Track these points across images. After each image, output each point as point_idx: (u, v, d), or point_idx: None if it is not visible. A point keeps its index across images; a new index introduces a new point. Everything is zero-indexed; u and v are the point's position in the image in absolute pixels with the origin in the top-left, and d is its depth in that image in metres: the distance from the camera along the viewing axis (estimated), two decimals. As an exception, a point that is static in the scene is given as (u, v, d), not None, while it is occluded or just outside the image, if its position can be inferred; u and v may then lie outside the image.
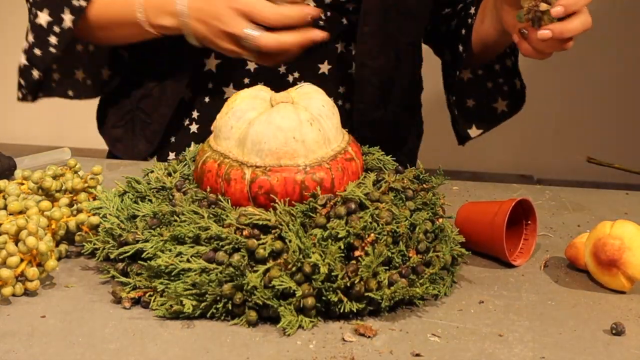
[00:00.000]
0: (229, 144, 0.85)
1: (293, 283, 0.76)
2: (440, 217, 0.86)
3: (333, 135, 0.86)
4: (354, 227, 0.78)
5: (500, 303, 0.83)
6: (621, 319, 0.80)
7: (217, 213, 0.81)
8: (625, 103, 2.48)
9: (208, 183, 0.85)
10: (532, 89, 1.48)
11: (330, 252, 0.76)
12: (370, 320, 0.78)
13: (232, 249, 0.78)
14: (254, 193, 0.82)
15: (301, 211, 0.80)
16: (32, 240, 0.80)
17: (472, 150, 2.49)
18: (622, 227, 0.86)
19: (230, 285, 0.76)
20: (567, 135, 2.53)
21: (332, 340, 0.75)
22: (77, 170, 0.96)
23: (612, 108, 2.49)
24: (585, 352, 0.74)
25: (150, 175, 0.92)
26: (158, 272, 0.78)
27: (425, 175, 0.91)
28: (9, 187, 0.92)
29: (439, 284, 0.83)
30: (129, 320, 0.77)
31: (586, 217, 1.07)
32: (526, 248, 0.93)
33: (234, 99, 0.87)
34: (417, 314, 0.80)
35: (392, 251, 0.79)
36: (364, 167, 0.89)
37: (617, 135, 2.50)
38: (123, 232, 0.83)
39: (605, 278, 0.86)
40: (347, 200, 0.80)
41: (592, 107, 2.50)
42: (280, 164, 0.82)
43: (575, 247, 0.91)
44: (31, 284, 0.80)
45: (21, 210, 0.87)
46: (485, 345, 0.75)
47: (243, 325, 0.77)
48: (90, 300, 0.80)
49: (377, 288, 0.77)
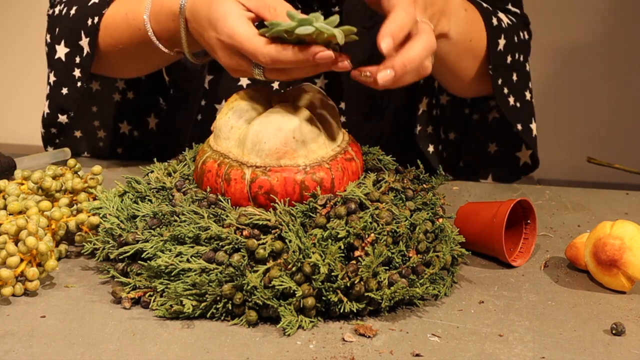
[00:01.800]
0: (229, 144, 0.85)
1: (293, 283, 0.76)
2: (440, 217, 0.86)
3: (333, 135, 0.86)
4: (354, 227, 0.78)
5: (500, 303, 0.83)
6: (621, 319, 0.80)
7: (217, 213, 0.81)
8: (625, 103, 2.48)
9: (208, 183, 0.85)
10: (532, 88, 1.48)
11: (330, 252, 0.76)
12: (370, 320, 0.78)
13: (232, 249, 0.78)
14: (254, 193, 0.82)
15: (301, 211, 0.80)
16: (32, 240, 0.80)
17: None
18: (622, 227, 0.86)
19: (230, 285, 0.76)
20: (567, 135, 2.52)
21: (332, 340, 0.75)
22: (77, 170, 0.96)
23: (612, 108, 2.49)
24: (585, 352, 0.74)
25: (150, 175, 0.92)
26: (158, 272, 0.78)
27: (425, 175, 0.91)
28: (9, 187, 0.93)
29: (439, 284, 0.83)
30: (129, 320, 0.77)
31: (586, 217, 1.07)
32: (526, 248, 0.93)
33: (234, 99, 0.87)
34: (417, 314, 0.80)
35: (392, 251, 0.79)
36: (364, 167, 0.89)
37: (617, 135, 2.50)
38: (123, 232, 0.83)
39: (606, 278, 0.86)
40: (347, 200, 0.80)
41: (592, 107, 2.50)
42: (280, 164, 0.82)
43: (576, 247, 0.91)
44: (31, 284, 0.80)
45: (21, 210, 0.87)
46: (485, 345, 0.75)
47: (243, 325, 0.77)
48: (90, 300, 0.80)
49: (377, 288, 0.77)
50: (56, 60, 1.13)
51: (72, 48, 1.12)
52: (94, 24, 1.09)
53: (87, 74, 1.12)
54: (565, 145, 2.53)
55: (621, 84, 2.47)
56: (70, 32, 1.12)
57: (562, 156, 2.53)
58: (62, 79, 1.13)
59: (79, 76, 1.12)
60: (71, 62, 1.12)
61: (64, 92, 1.13)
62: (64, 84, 1.13)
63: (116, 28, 1.08)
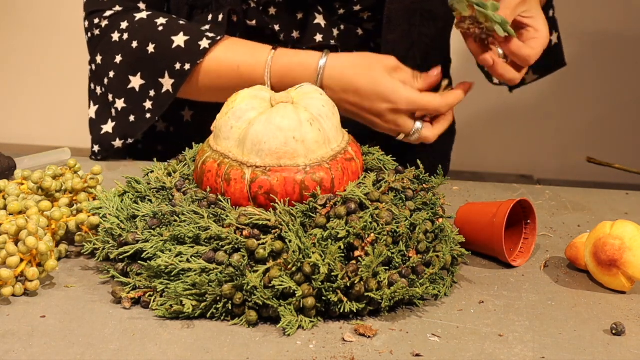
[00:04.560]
0: (229, 144, 0.85)
1: (293, 283, 0.76)
2: (440, 217, 0.86)
3: (333, 135, 0.86)
4: (354, 227, 0.78)
5: (500, 303, 0.83)
6: (621, 319, 0.80)
7: (217, 213, 0.81)
8: (625, 103, 2.48)
9: (208, 183, 0.85)
10: (532, 88, 1.48)
11: (330, 252, 0.76)
12: (370, 320, 0.78)
13: (232, 249, 0.78)
14: (254, 193, 0.82)
15: (301, 211, 0.80)
16: (32, 240, 0.79)
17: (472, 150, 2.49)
18: (622, 227, 0.86)
19: (230, 285, 0.76)
20: (567, 135, 2.52)
21: (332, 340, 0.75)
22: (77, 170, 0.96)
23: (612, 108, 2.49)
24: (585, 352, 0.74)
25: (150, 175, 0.92)
26: (158, 272, 0.78)
27: (425, 175, 0.91)
28: (9, 187, 0.92)
29: (439, 284, 0.83)
30: (129, 320, 0.77)
31: (586, 217, 1.07)
32: (526, 248, 0.93)
33: (234, 99, 0.87)
34: (417, 314, 0.80)
35: (392, 251, 0.79)
36: (364, 167, 0.89)
37: (617, 135, 2.50)
38: (123, 232, 0.83)
39: (606, 278, 0.86)
40: (347, 200, 0.80)
41: (592, 107, 2.50)
42: (280, 164, 0.82)
43: (576, 247, 0.91)
44: (31, 284, 0.80)
45: (21, 210, 0.87)
46: (485, 345, 0.75)
47: (243, 325, 0.77)
48: (90, 300, 0.80)
49: (377, 288, 0.77)
50: (129, 89, 1.14)
51: (149, 81, 1.13)
52: (183, 69, 1.10)
53: (161, 110, 1.13)
54: (566, 145, 2.53)
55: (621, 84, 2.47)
56: (151, 68, 1.12)
57: (562, 156, 2.53)
58: (132, 107, 1.14)
59: (150, 108, 1.13)
60: (144, 94, 1.13)
61: (131, 119, 1.14)
62: (132, 112, 1.14)
63: (220, 76, 1.11)
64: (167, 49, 1.11)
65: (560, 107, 2.49)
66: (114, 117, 1.15)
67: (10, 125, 2.70)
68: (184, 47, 1.10)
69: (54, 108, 2.64)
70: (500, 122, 2.51)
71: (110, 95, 1.15)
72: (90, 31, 1.18)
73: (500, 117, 2.49)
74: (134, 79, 1.13)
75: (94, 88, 1.18)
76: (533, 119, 2.49)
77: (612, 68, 2.45)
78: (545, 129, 2.53)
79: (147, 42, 1.12)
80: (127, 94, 1.14)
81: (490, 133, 2.53)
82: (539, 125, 2.53)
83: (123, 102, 1.14)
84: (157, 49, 1.12)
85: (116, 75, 1.14)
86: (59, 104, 2.63)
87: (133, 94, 1.14)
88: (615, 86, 2.47)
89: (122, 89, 1.14)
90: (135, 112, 1.14)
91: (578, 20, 2.31)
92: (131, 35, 1.13)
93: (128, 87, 1.14)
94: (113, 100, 1.15)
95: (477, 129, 2.50)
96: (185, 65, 1.10)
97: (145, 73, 1.13)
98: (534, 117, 2.48)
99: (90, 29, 1.17)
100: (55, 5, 2.53)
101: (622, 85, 2.47)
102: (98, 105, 1.18)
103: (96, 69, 1.17)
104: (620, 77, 2.46)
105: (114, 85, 1.15)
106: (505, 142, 2.55)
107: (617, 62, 2.45)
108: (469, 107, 2.41)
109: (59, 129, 2.66)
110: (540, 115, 2.50)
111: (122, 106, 1.14)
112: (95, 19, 1.17)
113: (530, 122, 2.50)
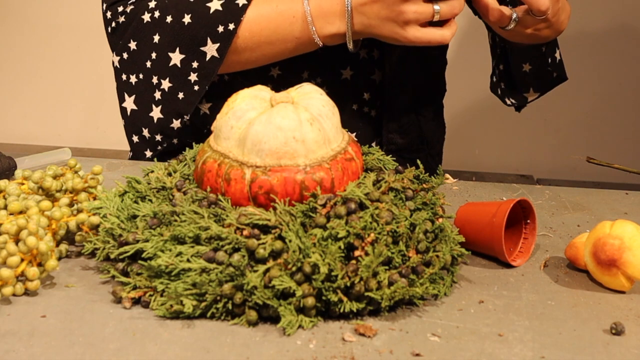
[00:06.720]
0: (229, 144, 0.85)
1: (293, 283, 0.76)
2: (440, 217, 0.86)
3: (333, 135, 0.86)
4: (354, 227, 0.78)
5: (500, 303, 0.83)
6: (621, 319, 0.80)
7: (217, 213, 0.81)
8: (625, 103, 2.48)
9: (208, 183, 0.85)
10: (532, 89, 1.48)
11: (330, 252, 0.76)
12: (370, 320, 0.78)
13: (232, 248, 0.78)
14: (254, 193, 0.82)
15: (301, 211, 0.80)
16: (33, 240, 0.80)
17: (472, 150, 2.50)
18: (622, 227, 0.86)
19: (230, 285, 0.76)
20: (567, 135, 2.53)
21: (332, 340, 0.75)
22: (77, 170, 0.96)
23: (611, 108, 2.50)
24: (585, 352, 0.74)
25: (150, 175, 0.92)
26: (158, 272, 0.79)
27: (425, 175, 0.91)
28: (9, 187, 0.93)
29: (439, 284, 0.83)
30: (129, 320, 0.77)
31: (586, 217, 1.07)
32: (526, 248, 0.93)
33: (234, 99, 0.87)
34: (417, 314, 0.80)
35: (392, 251, 0.79)
36: (364, 167, 0.89)
37: (617, 135, 2.50)
38: (123, 232, 0.83)
39: (605, 278, 0.86)
40: (347, 200, 0.80)
41: (592, 107, 2.50)
42: (280, 163, 0.82)
43: (575, 247, 0.91)
44: (31, 283, 0.80)
45: (21, 210, 0.87)
46: (485, 345, 0.75)
47: (243, 325, 0.77)
48: (91, 300, 0.80)
49: (377, 288, 0.77)
50: (172, 67, 1.13)
51: (189, 54, 1.12)
52: (228, 30, 1.10)
53: (209, 78, 1.12)
54: (566, 145, 2.53)
55: (621, 84, 2.47)
56: (189, 39, 1.12)
57: (562, 156, 2.53)
58: (178, 85, 1.14)
59: (196, 80, 1.13)
60: (187, 67, 1.13)
61: (180, 96, 1.14)
62: (180, 89, 1.14)
63: (262, 27, 1.11)
64: (205, 15, 1.11)
65: (560, 107, 2.49)
66: (160, 100, 1.15)
67: (10, 125, 2.70)
68: (222, 10, 1.10)
69: (54, 108, 2.64)
70: (500, 122, 2.52)
71: (155, 77, 1.15)
72: (114, 20, 1.17)
73: (501, 117, 2.49)
74: (174, 55, 1.13)
75: (127, 79, 1.17)
76: (533, 119, 2.49)
77: (612, 68, 2.45)
78: (545, 129, 2.53)
79: (181, 14, 1.12)
80: (171, 71, 1.13)
81: (490, 133, 2.54)
82: (539, 125, 2.53)
83: (168, 82, 1.14)
84: (194, 18, 1.11)
85: (158, 56, 1.14)
86: (59, 104, 2.63)
87: (176, 70, 1.13)
88: (615, 86, 2.47)
89: (165, 68, 1.14)
90: (184, 89, 1.13)
91: (577, 20, 2.31)
92: (163, 11, 1.13)
93: (170, 64, 1.13)
94: (158, 81, 1.15)
95: (477, 129, 2.51)
96: (229, 26, 1.10)
97: (183, 46, 1.12)
98: (534, 117, 2.49)
99: (114, 18, 1.17)
100: (55, 5, 2.53)
101: (622, 85, 2.47)
102: (135, 94, 1.17)
103: (129, 56, 1.16)
104: (620, 78, 2.47)
105: (157, 66, 1.14)
106: (505, 142, 2.55)
107: (617, 62, 2.45)
108: (469, 107, 2.41)
109: (59, 129, 2.67)
110: (540, 115, 2.50)
111: (168, 86, 1.14)
112: (119, 7, 1.16)
113: (531, 122, 2.51)
